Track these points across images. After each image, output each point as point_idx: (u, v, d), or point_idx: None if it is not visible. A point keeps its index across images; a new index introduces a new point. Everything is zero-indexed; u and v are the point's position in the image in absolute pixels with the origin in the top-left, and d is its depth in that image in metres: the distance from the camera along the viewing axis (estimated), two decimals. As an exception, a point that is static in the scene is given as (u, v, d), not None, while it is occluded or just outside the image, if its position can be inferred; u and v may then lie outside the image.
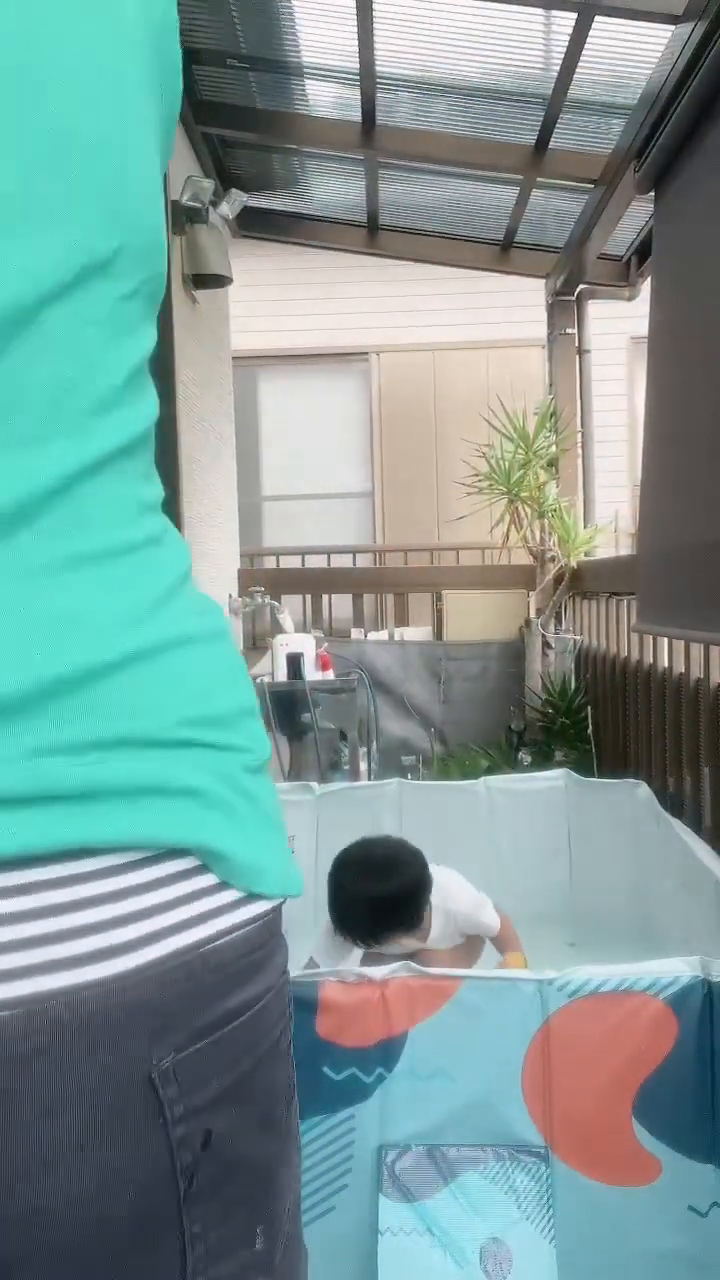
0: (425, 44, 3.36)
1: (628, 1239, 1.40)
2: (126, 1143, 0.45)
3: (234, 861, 0.51)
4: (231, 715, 0.54)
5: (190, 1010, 0.47)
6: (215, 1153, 0.48)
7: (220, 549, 4.19)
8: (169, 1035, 0.46)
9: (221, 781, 0.51)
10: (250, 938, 0.52)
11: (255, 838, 0.53)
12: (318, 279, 6.80)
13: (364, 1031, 1.42)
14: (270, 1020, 0.53)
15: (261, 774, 0.56)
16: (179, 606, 0.53)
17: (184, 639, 0.52)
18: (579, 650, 4.41)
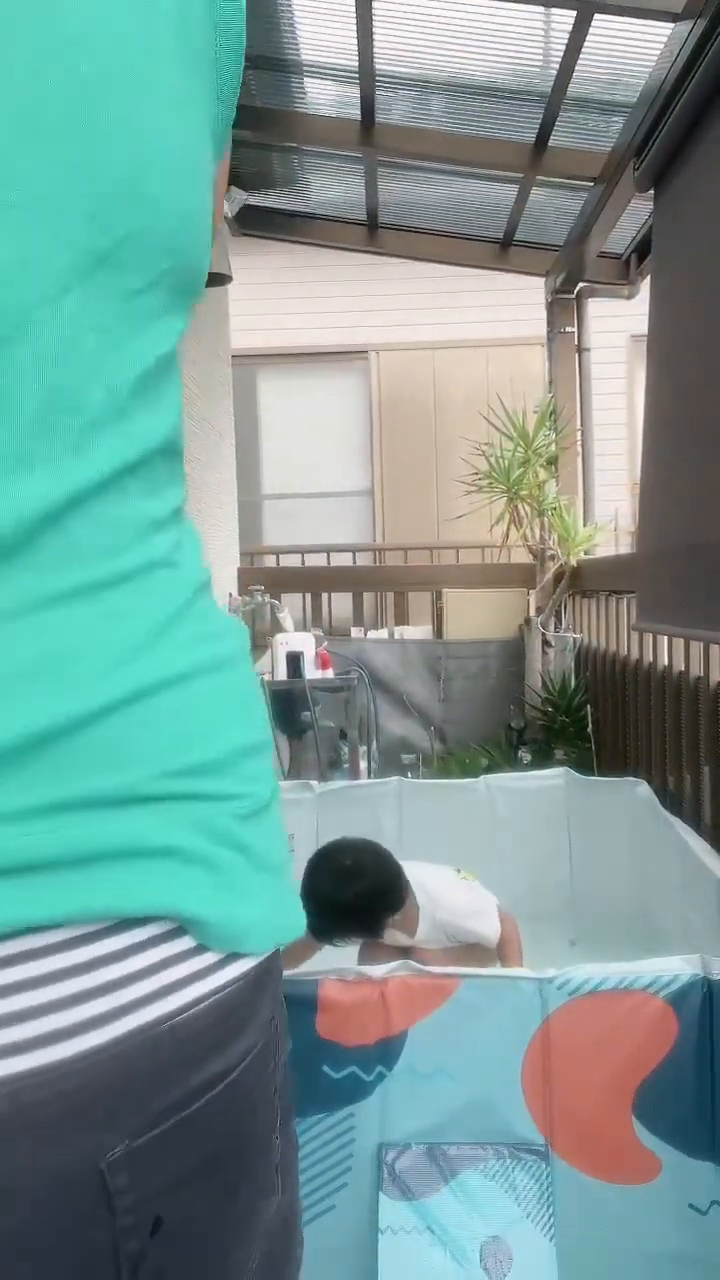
0: (425, 42, 3.36)
1: (628, 1237, 1.40)
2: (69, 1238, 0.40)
3: (213, 925, 0.46)
4: (228, 758, 0.49)
5: (149, 1092, 0.42)
6: (167, 1237, 0.43)
7: (220, 548, 4.19)
8: (122, 1120, 0.41)
9: (205, 835, 0.46)
10: (228, 1001, 0.47)
11: (243, 892, 0.48)
12: (317, 278, 6.79)
13: (364, 1030, 1.42)
14: (249, 1083, 0.48)
15: (259, 817, 0.52)
16: (183, 635, 0.48)
17: (182, 675, 0.47)
18: (579, 649, 4.41)
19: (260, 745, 0.53)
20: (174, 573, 0.50)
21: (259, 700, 0.53)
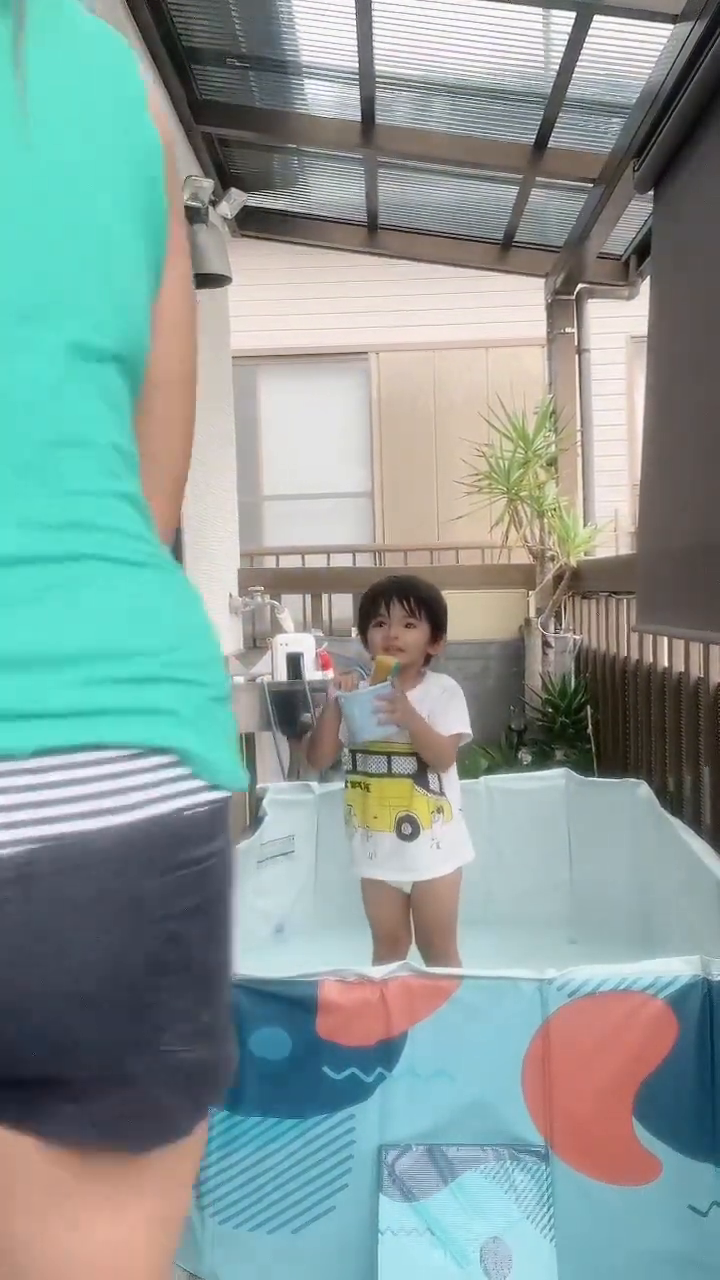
0: (425, 43, 3.36)
1: (628, 1238, 1.40)
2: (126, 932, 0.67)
3: (200, 760, 0.71)
4: (204, 660, 0.75)
5: (171, 851, 0.69)
6: (179, 948, 0.69)
7: (220, 549, 4.19)
8: (156, 866, 0.68)
9: (192, 706, 0.72)
10: (210, 813, 0.72)
11: (214, 746, 0.73)
12: (317, 278, 6.79)
13: (364, 1031, 1.42)
14: (220, 874, 0.74)
15: (222, 703, 0.76)
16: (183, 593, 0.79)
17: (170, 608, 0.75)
18: (579, 650, 4.41)
19: (219, 657, 0.78)
20: None
21: (212, 628, 0.79)
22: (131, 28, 2.86)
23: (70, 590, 0.67)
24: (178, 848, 0.69)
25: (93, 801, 0.65)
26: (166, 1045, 0.70)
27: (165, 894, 0.68)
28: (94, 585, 0.69)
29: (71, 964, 0.65)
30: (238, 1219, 1.45)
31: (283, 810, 2.82)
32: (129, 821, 0.66)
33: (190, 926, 0.70)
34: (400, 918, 2.26)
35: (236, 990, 1.47)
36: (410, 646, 2.21)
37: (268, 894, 2.77)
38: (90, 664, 0.67)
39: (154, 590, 0.73)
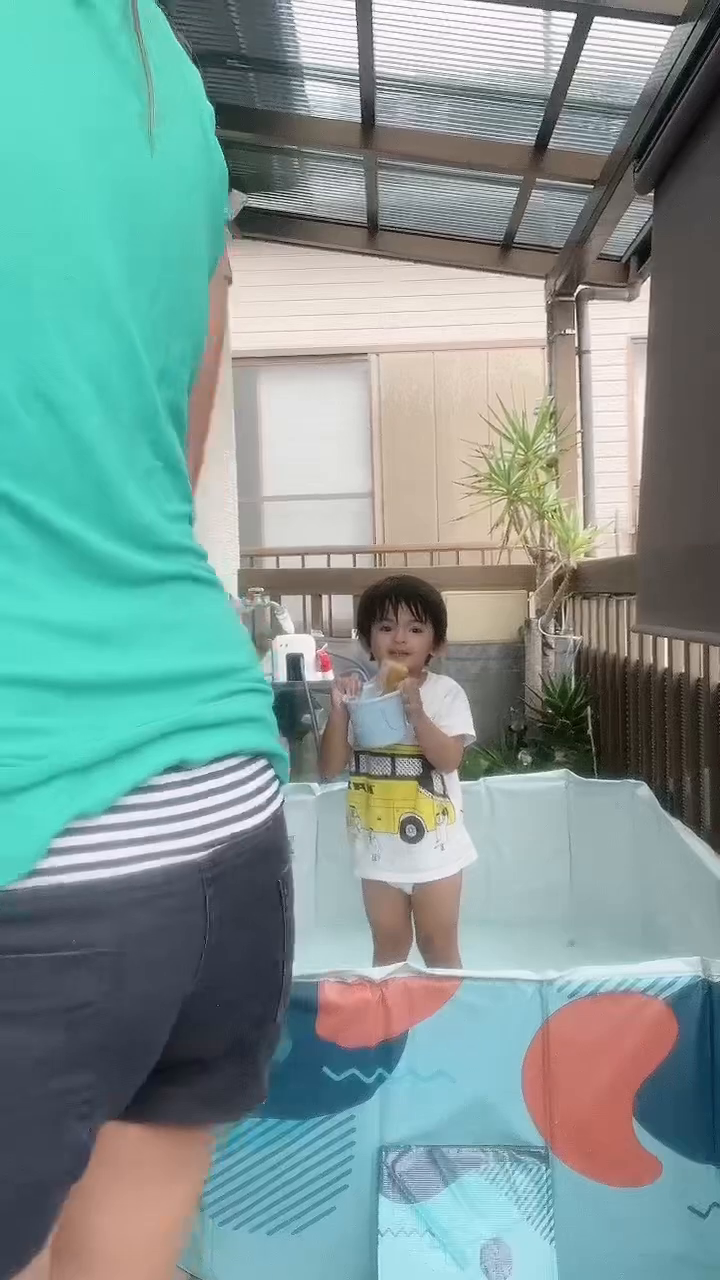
0: (425, 44, 3.36)
1: (628, 1239, 1.40)
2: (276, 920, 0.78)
3: (279, 761, 0.80)
4: (260, 671, 0.82)
5: (283, 847, 0.79)
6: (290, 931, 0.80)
7: (220, 549, 4.19)
8: (280, 858, 0.78)
9: (267, 712, 0.79)
10: (283, 809, 0.81)
11: (280, 749, 0.81)
12: (318, 279, 6.79)
13: (364, 1032, 1.42)
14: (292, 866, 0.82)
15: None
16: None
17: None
18: (579, 650, 4.41)
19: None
20: None
21: None
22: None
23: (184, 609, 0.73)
24: (284, 842, 0.80)
25: (246, 802, 0.74)
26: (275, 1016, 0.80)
27: (285, 883, 0.79)
28: (197, 604, 0.75)
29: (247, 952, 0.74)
30: (238, 1220, 1.45)
31: (283, 811, 2.82)
32: (265, 819, 0.76)
33: (293, 912, 0.81)
34: (402, 919, 2.27)
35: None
36: (416, 650, 2.21)
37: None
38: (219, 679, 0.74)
39: (224, 607, 0.81)
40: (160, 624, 0.70)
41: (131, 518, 0.68)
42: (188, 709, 0.70)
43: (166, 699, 0.69)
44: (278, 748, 0.80)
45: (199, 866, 0.68)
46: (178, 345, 0.74)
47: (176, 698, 0.69)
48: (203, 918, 0.69)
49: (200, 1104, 0.77)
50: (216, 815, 0.71)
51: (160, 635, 0.70)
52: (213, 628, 0.76)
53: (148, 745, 0.66)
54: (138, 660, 0.67)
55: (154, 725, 0.67)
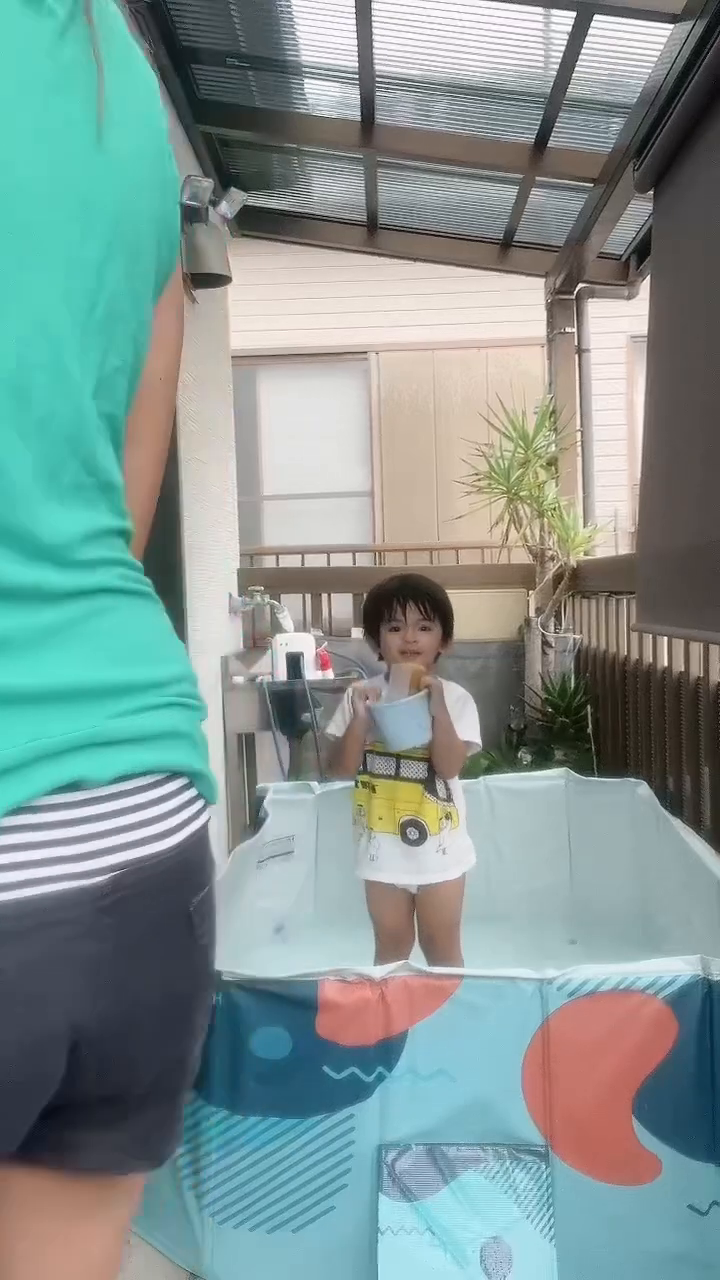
0: (424, 43, 3.36)
1: (628, 1238, 1.40)
2: (187, 950, 0.72)
3: (205, 780, 0.76)
4: (194, 684, 0.78)
5: (200, 872, 0.74)
6: (209, 962, 0.76)
7: (220, 548, 4.19)
8: (194, 884, 0.73)
9: (193, 727, 0.76)
10: (206, 830, 0.77)
11: (208, 765, 0.78)
12: (318, 279, 6.79)
13: (364, 1031, 1.42)
14: (215, 889, 0.78)
15: (203, 725, 0.80)
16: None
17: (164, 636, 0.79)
18: (579, 649, 4.41)
19: (197, 682, 0.80)
20: None
21: None
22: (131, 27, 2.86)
23: (99, 621, 0.69)
24: (203, 866, 0.75)
25: (154, 825, 0.70)
26: (193, 1055, 0.75)
27: (203, 910, 0.74)
28: (118, 617, 0.71)
29: (153, 984, 0.69)
30: (238, 1219, 1.45)
31: (283, 810, 2.82)
32: (177, 842, 0.71)
33: (213, 940, 0.76)
34: (404, 919, 2.26)
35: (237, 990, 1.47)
36: (426, 649, 2.20)
37: (268, 894, 2.76)
38: (137, 693, 0.70)
39: (154, 620, 0.76)
40: (69, 637, 0.66)
41: (42, 533, 0.64)
42: (93, 724, 0.65)
43: (66, 714, 0.64)
44: (200, 766, 0.75)
45: (95, 893, 0.64)
46: (115, 358, 0.71)
47: (79, 712, 0.65)
48: (98, 948, 0.64)
49: (124, 1152, 0.72)
50: (119, 838, 0.66)
51: (68, 648, 0.65)
52: (135, 640, 0.71)
53: (36, 763, 0.62)
54: (36, 673, 0.63)
55: (45, 742, 0.62)
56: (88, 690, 0.66)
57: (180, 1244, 1.51)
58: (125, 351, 0.72)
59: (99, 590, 0.69)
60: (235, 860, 2.45)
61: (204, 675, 3.67)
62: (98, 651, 0.67)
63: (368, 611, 2.30)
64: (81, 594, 0.67)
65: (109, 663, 0.68)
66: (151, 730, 0.70)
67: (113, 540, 0.72)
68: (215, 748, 3.86)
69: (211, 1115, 1.46)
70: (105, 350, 0.69)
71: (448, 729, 2.12)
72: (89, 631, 0.67)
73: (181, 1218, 1.49)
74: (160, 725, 0.71)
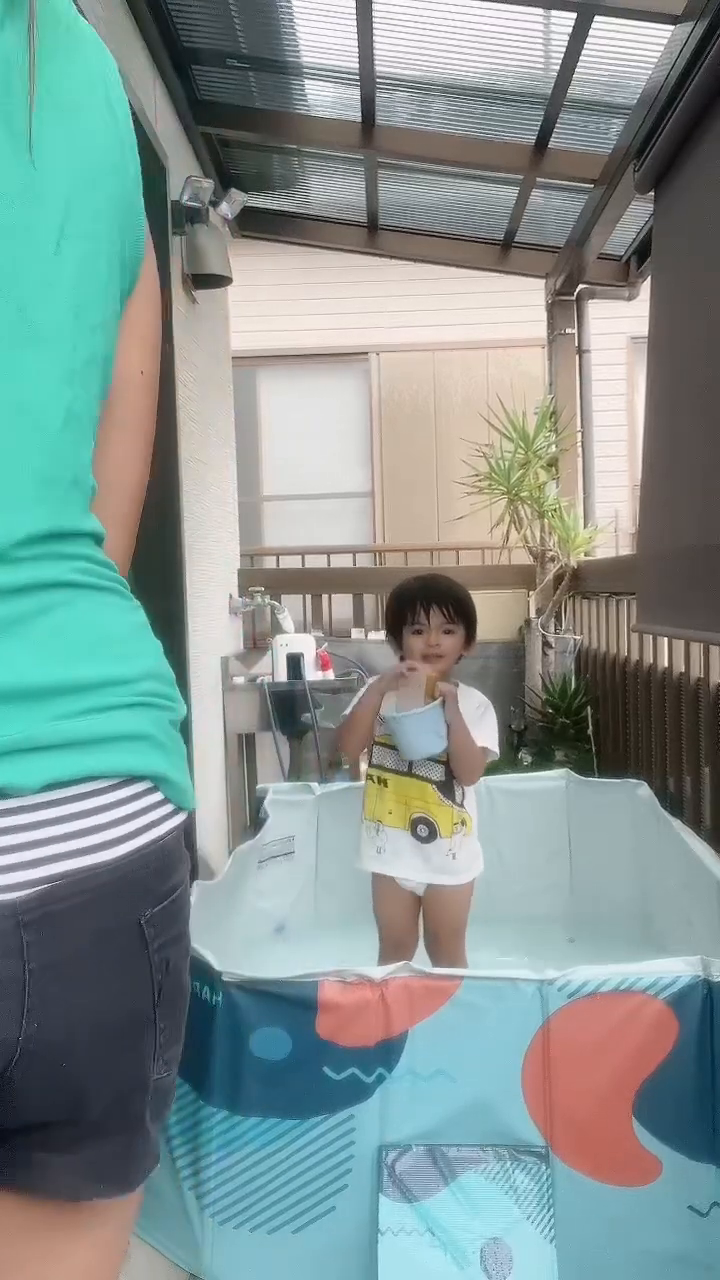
0: (425, 44, 3.36)
1: (628, 1239, 1.40)
2: (135, 965, 0.68)
3: (172, 784, 0.72)
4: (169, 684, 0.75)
5: (156, 883, 0.69)
6: (170, 975, 0.70)
7: (220, 549, 4.19)
8: (150, 895, 0.68)
9: (161, 729, 0.71)
10: (178, 837, 0.73)
11: (179, 769, 0.73)
12: (318, 279, 6.79)
13: (364, 1031, 1.42)
14: (188, 896, 0.74)
15: (178, 725, 0.76)
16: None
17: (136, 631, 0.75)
18: (579, 650, 4.41)
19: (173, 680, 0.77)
20: None
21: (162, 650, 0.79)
22: (132, 27, 2.86)
23: (48, 618, 0.65)
24: (163, 875, 0.70)
25: (96, 835, 0.65)
26: (156, 1073, 0.70)
27: (159, 923, 0.69)
28: (68, 612, 0.66)
29: (93, 1002, 0.65)
30: (238, 1219, 1.45)
31: (283, 811, 2.82)
32: (126, 852, 0.67)
33: (176, 953, 0.71)
34: (409, 920, 2.25)
35: (237, 991, 1.47)
36: (449, 652, 2.19)
37: (268, 895, 2.76)
38: (86, 693, 0.66)
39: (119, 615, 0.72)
40: (9, 635, 0.62)
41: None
42: (22, 729, 0.61)
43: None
44: (165, 769, 0.71)
45: (16, 908, 0.60)
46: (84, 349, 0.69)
47: (10, 715, 0.61)
48: (20, 966, 0.61)
49: (87, 1178, 0.69)
50: (48, 849, 0.62)
51: (5, 646, 0.62)
52: (92, 636, 0.68)
53: None
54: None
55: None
56: (22, 692, 0.62)
57: (180, 1244, 1.51)
58: (94, 343, 0.70)
59: (54, 585, 0.65)
60: (235, 861, 2.45)
61: (204, 675, 3.67)
62: (42, 649, 0.64)
63: (390, 613, 2.28)
64: (31, 589, 0.64)
65: (55, 661, 0.64)
66: (102, 733, 0.66)
67: (77, 539, 0.69)
68: (215, 748, 3.86)
69: (212, 1116, 1.46)
70: (73, 342, 0.67)
71: (465, 736, 2.11)
72: (36, 628, 0.64)
73: (181, 1218, 1.48)
74: (116, 727, 0.67)
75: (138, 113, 2.83)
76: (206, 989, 1.48)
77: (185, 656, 3.28)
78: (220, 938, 2.13)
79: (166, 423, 3.19)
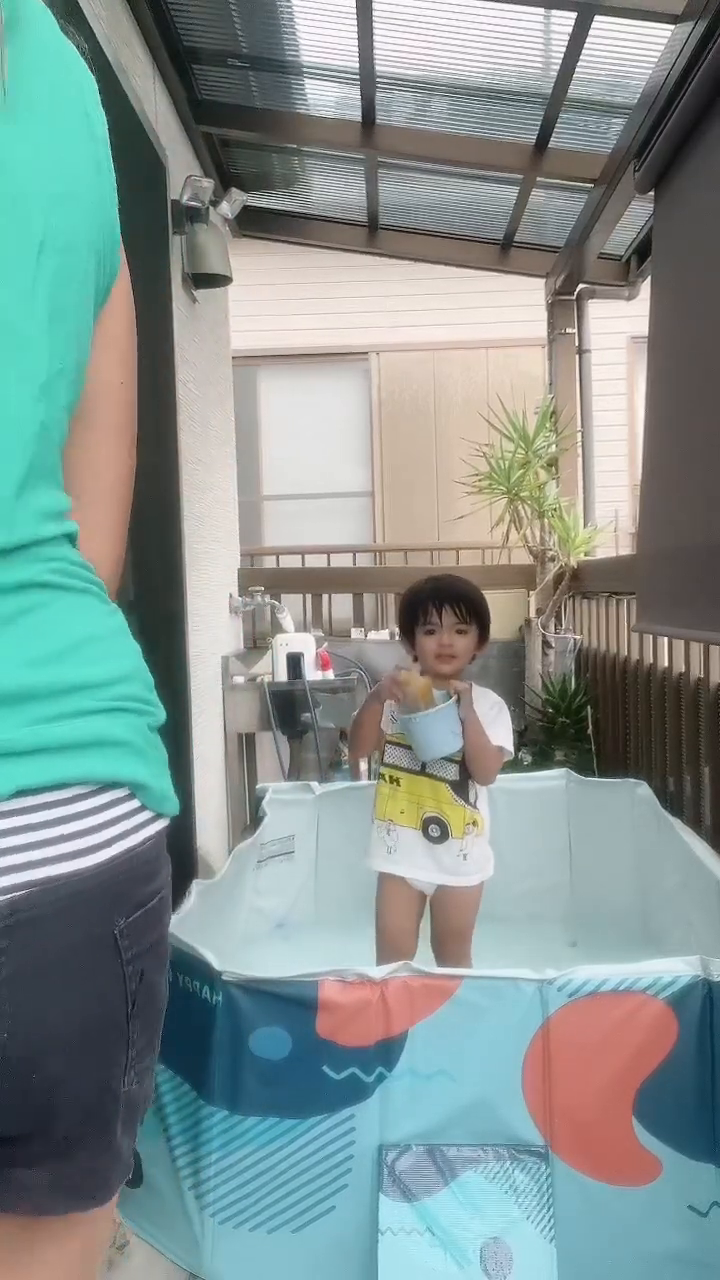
0: (425, 43, 3.36)
1: (628, 1238, 1.40)
2: (108, 975, 0.67)
3: (150, 791, 0.71)
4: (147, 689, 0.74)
5: (132, 891, 0.69)
6: (145, 986, 0.70)
7: (220, 548, 4.19)
8: (125, 903, 0.68)
9: (140, 735, 0.71)
10: (157, 844, 0.72)
11: (159, 774, 0.73)
12: (318, 279, 6.79)
13: (364, 1031, 1.42)
14: (167, 904, 0.74)
15: (158, 731, 0.76)
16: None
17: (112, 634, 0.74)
18: (579, 650, 4.41)
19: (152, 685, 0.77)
20: None
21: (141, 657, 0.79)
22: (132, 27, 2.86)
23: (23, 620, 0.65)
24: (139, 883, 0.70)
25: (68, 843, 0.65)
26: (126, 1085, 0.70)
27: (134, 932, 0.69)
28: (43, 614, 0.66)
29: (65, 1012, 0.64)
30: (238, 1219, 1.45)
31: (283, 810, 2.82)
32: (99, 861, 0.66)
33: (152, 962, 0.71)
34: (411, 922, 2.23)
35: (237, 990, 1.47)
36: (462, 652, 2.19)
37: (267, 894, 2.76)
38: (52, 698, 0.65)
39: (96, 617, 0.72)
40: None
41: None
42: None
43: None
44: (143, 776, 0.71)
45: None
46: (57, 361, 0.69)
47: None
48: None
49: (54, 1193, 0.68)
50: (18, 857, 0.62)
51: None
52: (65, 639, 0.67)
53: None
54: None
55: None
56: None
57: (180, 1243, 1.51)
58: (67, 354, 0.70)
59: (27, 585, 0.65)
60: (235, 860, 2.45)
61: (204, 675, 3.67)
62: (12, 653, 0.63)
63: (402, 614, 2.28)
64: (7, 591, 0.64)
65: (24, 665, 0.64)
66: (76, 739, 0.65)
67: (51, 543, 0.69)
68: (215, 747, 3.86)
69: (211, 1115, 1.46)
70: (49, 352, 0.68)
71: (480, 734, 2.11)
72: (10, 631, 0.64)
73: (181, 1218, 1.48)
74: (91, 733, 0.67)
75: (138, 112, 2.83)
76: (206, 988, 1.48)
77: (185, 656, 3.28)
78: (220, 937, 2.13)
79: (166, 422, 3.19)
